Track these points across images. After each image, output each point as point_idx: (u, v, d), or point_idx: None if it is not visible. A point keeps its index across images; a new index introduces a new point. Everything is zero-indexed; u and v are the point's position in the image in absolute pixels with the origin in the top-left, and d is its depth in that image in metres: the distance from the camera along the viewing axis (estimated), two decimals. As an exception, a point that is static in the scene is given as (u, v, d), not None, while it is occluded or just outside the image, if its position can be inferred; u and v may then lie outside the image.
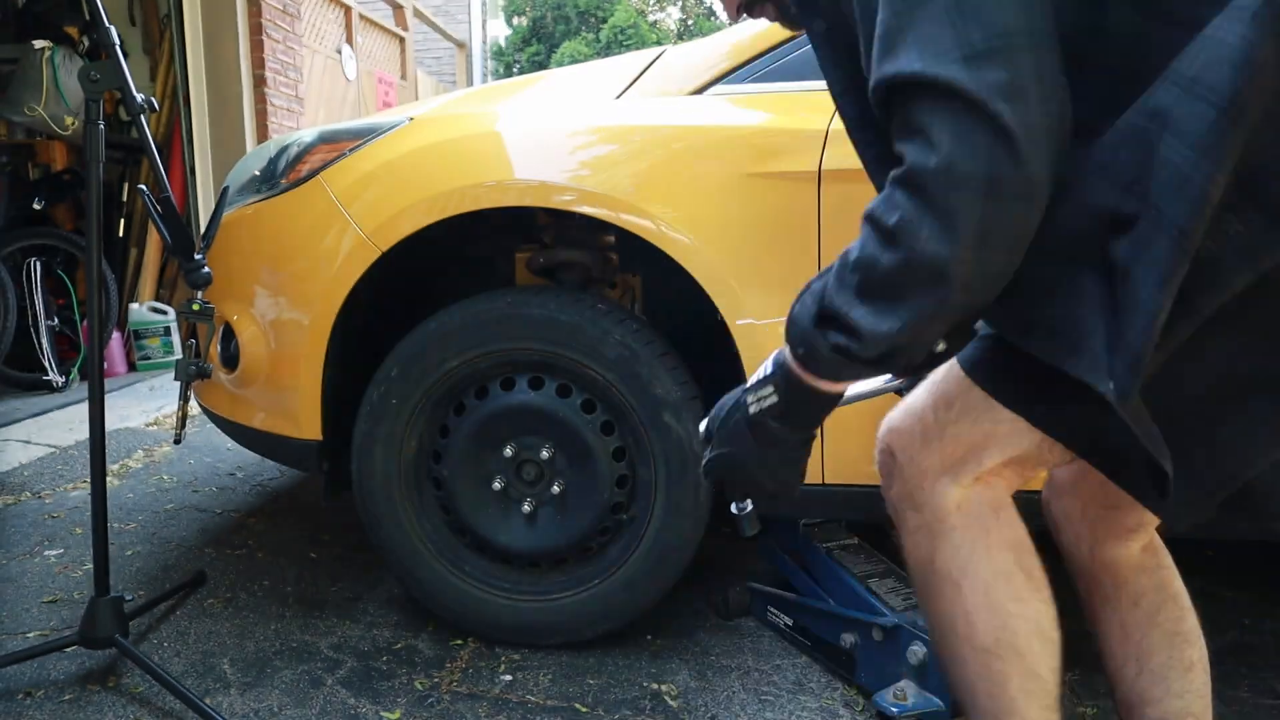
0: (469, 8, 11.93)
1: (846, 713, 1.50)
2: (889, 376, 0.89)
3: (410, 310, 1.89)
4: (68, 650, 1.60)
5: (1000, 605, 0.85)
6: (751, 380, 0.88)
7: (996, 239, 0.70)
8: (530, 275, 1.82)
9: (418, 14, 8.58)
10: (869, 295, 0.74)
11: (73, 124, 4.02)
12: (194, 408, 3.09)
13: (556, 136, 1.60)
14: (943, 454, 0.85)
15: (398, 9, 7.96)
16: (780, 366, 0.84)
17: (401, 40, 7.90)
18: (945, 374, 0.86)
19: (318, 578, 2.03)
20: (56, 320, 4.04)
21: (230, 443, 3.01)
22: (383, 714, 1.49)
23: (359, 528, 2.27)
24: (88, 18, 1.51)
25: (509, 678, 1.61)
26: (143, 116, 1.44)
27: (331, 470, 1.80)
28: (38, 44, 3.92)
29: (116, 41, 1.42)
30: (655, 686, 1.58)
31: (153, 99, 1.46)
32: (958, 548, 0.86)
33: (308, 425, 1.72)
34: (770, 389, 0.85)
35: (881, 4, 0.73)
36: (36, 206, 4.10)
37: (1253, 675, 1.64)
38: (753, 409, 0.86)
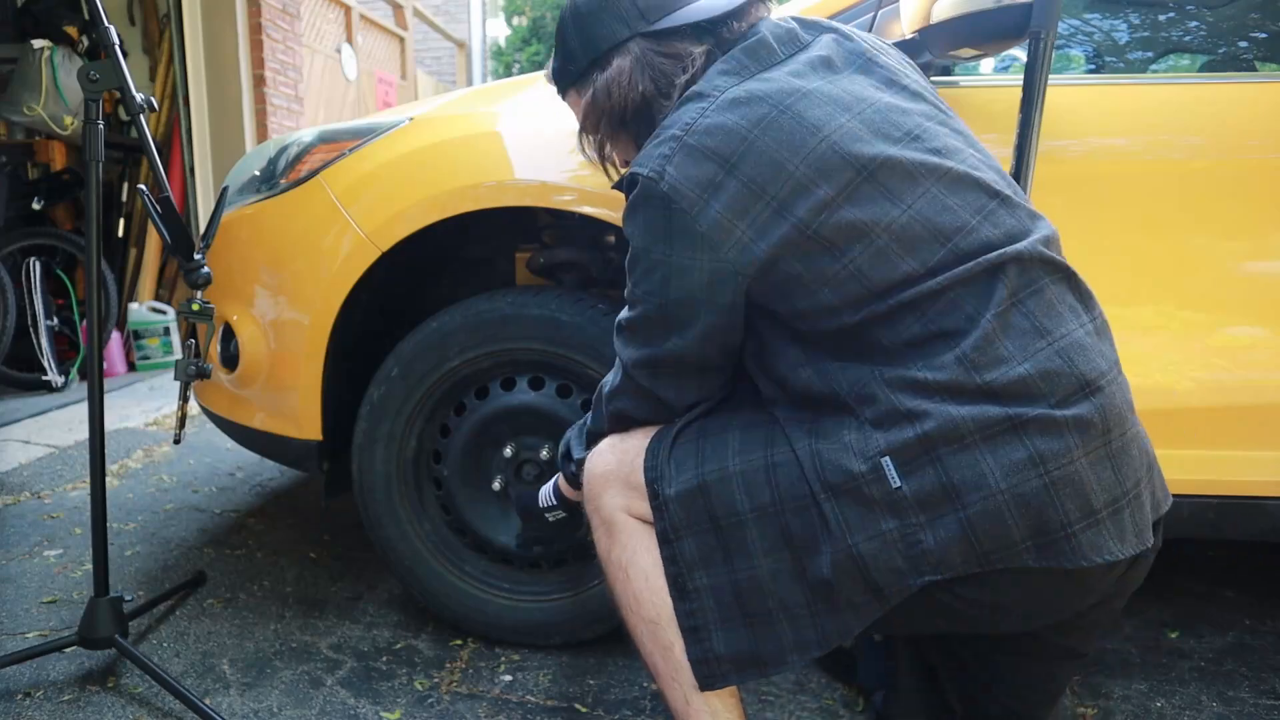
0: (469, 8, 11.91)
1: (846, 713, 1.50)
2: None
3: (410, 310, 1.89)
4: (67, 650, 1.60)
5: (659, 588, 1.04)
6: (543, 505, 1.36)
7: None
8: (530, 275, 1.82)
9: (418, 14, 8.58)
10: (589, 444, 1.19)
11: (72, 124, 4.02)
12: (194, 408, 3.10)
13: (557, 136, 1.60)
14: (625, 484, 1.10)
15: (398, 9, 7.96)
16: (557, 493, 1.33)
17: (401, 40, 7.90)
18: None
19: (318, 578, 2.03)
20: (56, 320, 4.04)
21: (230, 443, 3.01)
22: (383, 714, 1.49)
23: (359, 528, 2.28)
24: (87, 17, 1.51)
25: (509, 678, 1.61)
26: (142, 116, 1.43)
27: (331, 470, 1.80)
28: (37, 43, 3.92)
29: (116, 41, 1.42)
30: (655, 687, 1.57)
31: (152, 99, 1.45)
32: (624, 545, 1.08)
33: (308, 425, 1.72)
34: (559, 509, 1.34)
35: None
36: (36, 206, 4.09)
37: (1253, 675, 1.64)
38: (550, 519, 1.36)
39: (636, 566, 1.07)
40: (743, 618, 1.00)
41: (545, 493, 1.35)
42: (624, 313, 1.09)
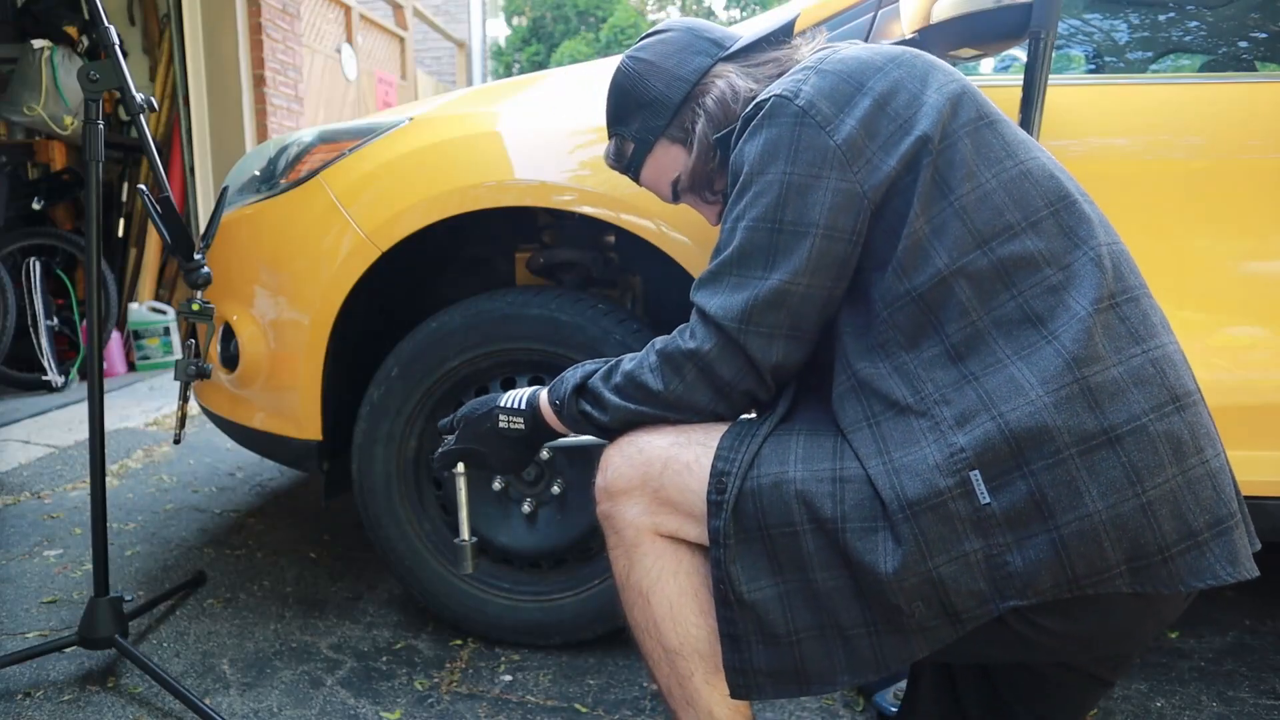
0: (469, 8, 11.92)
1: (846, 713, 1.50)
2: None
3: (410, 310, 1.89)
4: (67, 650, 1.60)
5: (684, 619, 1.00)
6: (504, 404, 1.16)
7: (719, 407, 1.03)
8: (530, 275, 1.82)
9: (418, 14, 8.58)
10: (622, 394, 1.04)
11: (72, 124, 4.02)
12: (194, 408, 3.10)
13: (556, 136, 1.60)
14: (653, 498, 1.02)
15: (398, 9, 7.96)
16: (532, 408, 1.14)
17: (401, 40, 7.90)
18: (688, 445, 1.02)
19: (318, 578, 2.03)
20: (56, 320, 4.04)
21: (230, 443, 3.01)
22: (382, 714, 1.49)
23: (359, 528, 2.28)
24: (87, 17, 1.50)
25: (509, 678, 1.61)
26: (142, 116, 1.43)
27: (331, 470, 1.80)
28: (37, 43, 3.92)
29: (116, 41, 1.42)
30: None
31: (152, 98, 1.45)
32: (646, 570, 1.02)
33: (308, 425, 1.72)
34: (520, 420, 1.15)
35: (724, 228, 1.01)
36: (36, 206, 4.10)
37: (1253, 675, 1.64)
38: (501, 425, 1.16)
39: (659, 594, 1.01)
40: (788, 632, 0.93)
41: (514, 397, 1.17)
42: (714, 259, 1.01)
